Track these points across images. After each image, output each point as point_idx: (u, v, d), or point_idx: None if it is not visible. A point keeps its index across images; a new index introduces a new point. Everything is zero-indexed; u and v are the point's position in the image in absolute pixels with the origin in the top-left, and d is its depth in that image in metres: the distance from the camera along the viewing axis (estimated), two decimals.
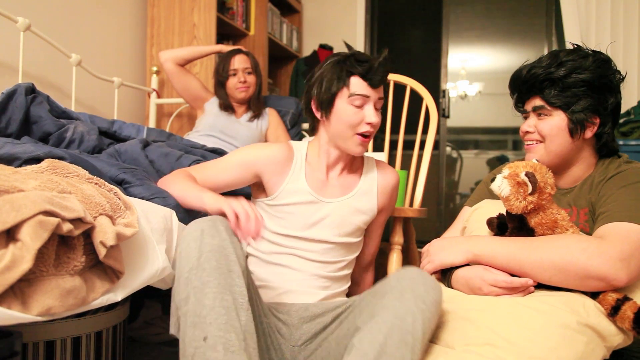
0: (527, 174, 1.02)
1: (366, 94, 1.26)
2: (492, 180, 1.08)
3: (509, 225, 1.10)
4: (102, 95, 2.44)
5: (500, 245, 1.03)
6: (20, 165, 1.13)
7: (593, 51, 1.17)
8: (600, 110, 1.14)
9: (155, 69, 2.70)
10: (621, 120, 2.74)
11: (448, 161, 4.45)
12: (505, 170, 1.07)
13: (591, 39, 3.11)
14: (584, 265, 0.92)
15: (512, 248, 1.01)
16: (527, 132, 1.20)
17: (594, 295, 0.97)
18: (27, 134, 1.38)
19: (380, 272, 2.44)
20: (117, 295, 0.89)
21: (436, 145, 4.24)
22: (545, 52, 4.23)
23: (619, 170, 1.12)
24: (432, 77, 4.23)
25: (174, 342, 1.84)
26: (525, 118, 1.24)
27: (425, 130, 2.10)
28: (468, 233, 1.24)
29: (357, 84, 1.26)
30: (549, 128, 1.16)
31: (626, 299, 0.93)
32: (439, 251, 1.13)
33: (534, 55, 4.50)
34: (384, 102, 1.33)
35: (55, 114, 1.47)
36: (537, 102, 1.18)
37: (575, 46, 1.20)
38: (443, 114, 4.10)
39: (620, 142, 2.71)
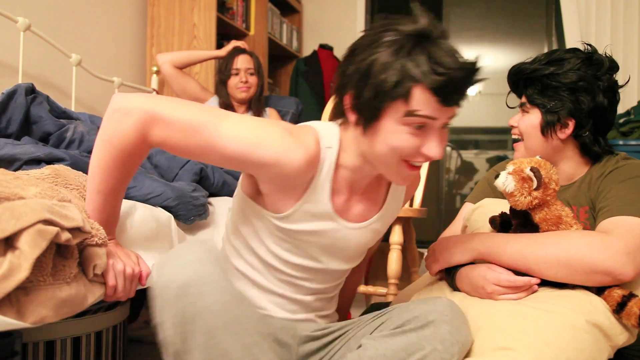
0: (532, 169, 1.02)
1: (433, 115, 0.86)
2: (496, 177, 1.07)
3: (513, 222, 1.10)
4: (102, 95, 2.44)
5: (506, 242, 1.02)
6: (20, 167, 1.14)
7: (589, 53, 1.18)
8: (575, 113, 1.14)
9: (155, 69, 2.70)
10: (621, 120, 2.74)
11: (448, 161, 4.46)
12: (510, 166, 1.07)
13: (591, 39, 3.11)
14: (589, 260, 0.91)
15: (518, 245, 1.00)
16: (512, 127, 1.24)
17: (598, 291, 0.96)
18: (27, 134, 1.38)
19: (381, 272, 2.44)
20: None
21: None
22: (545, 52, 4.22)
23: (618, 166, 1.12)
24: None
25: None
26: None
27: None
28: (469, 232, 1.23)
29: (422, 98, 0.84)
30: (525, 125, 1.19)
31: (632, 295, 0.92)
32: (444, 250, 1.11)
33: (534, 56, 4.50)
34: None
35: (55, 114, 1.47)
36: (523, 99, 1.22)
37: (584, 44, 1.23)
38: None
39: (620, 142, 2.71)
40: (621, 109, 3.14)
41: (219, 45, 2.95)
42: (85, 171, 1.03)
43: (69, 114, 1.55)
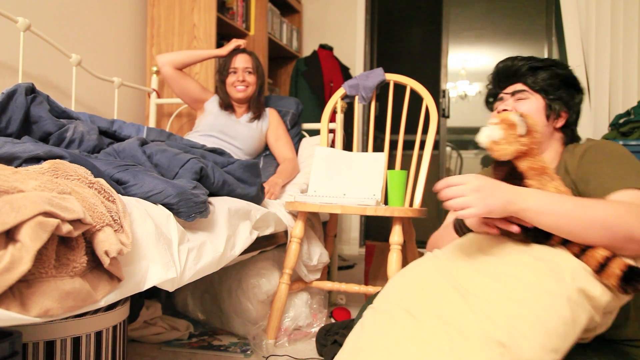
0: (519, 113, 1.05)
1: None
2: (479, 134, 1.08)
3: (495, 175, 1.05)
4: (102, 95, 2.44)
5: (550, 200, 0.96)
6: (20, 165, 1.13)
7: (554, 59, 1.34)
8: (570, 105, 1.28)
9: (155, 69, 2.70)
10: (621, 121, 2.74)
11: (448, 161, 4.45)
12: (493, 119, 1.08)
13: (591, 39, 3.11)
14: (631, 227, 0.93)
15: (561, 205, 0.96)
16: (505, 110, 1.27)
17: (581, 252, 0.96)
18: (28, 134, 1.38)
19: (381, 272, 2.44)
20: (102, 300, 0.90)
21: (436, 145, 4.24)
22: (545, 52, 4.22)
23: (589, 146, 1.18)
24: (432, 77, 4.23)
25: (174, 342, 1.84)
26: (495, 109, 1.33)
27: (425, 130, 2.10)
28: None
29: None
30: (528, 108, 1.26)
31: (614, 256, 0.93)
32: (487, 195, 0.96)
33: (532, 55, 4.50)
34: (382, 103, 1.27)
35: (55, 114, 1.47)
36: (519, 87, 1.29)
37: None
38: (443, 114, 4.10)
39: (620, 142, 2.70)
40: (621, 109, 3.15)
41: (219, 46, 2.95)
42: None
43: (69, 113, 1.55)
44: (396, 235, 1.77)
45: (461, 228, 1.15)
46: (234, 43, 2.40)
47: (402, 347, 0.89)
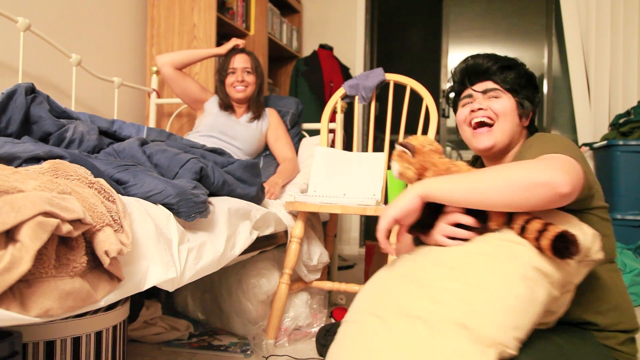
0: (399, 143, 1.10)
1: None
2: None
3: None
4: (102, 95, 2.44)
5: (450, 180, 1.04)
6: (20, 165, 1.13)
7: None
8: (535, 103, 1.31)
9: (155, 69, 2.70)
10: (621, 120, 2.75)
11: None
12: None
13: (591, 39, 3.11)
14: (530, 174, 0.96)
15: (461, 180, 1.02)
16: (480, 109, 1.28)
17: (522, 231, 0.99)
18: (27, 134, 1.37)
19: None
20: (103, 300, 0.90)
21: None
22: (545, 52, 4.22)
23: (534, 138, 1.20)
24: (432, 77, 4.23)
25: (174, 342, 1.84)
26: (464, 105, 1.33)
27: (425, 130, 2.10)
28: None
29: None
30: (502, 107, 1.26)
31: (547, 226, 0.95)
32: (390, 207, 1.06)
33: (534, 55, 4.51)
34: (382, 103, 1.30)
35: (55, 114, 1.47)
36: (490, 85, 1.29)
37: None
38: (443, 114, 4.10)
39: (620, 142, 2.71)
40: (621, 109, 3.15)
41: (219, 46, 2.95)
42: None
43: (69, 113, 1.55)
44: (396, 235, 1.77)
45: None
46: (233, 42, 2.40)
47: (373, 353, 0.91)
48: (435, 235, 1.07)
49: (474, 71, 1.32)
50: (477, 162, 1.43)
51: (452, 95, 1.40)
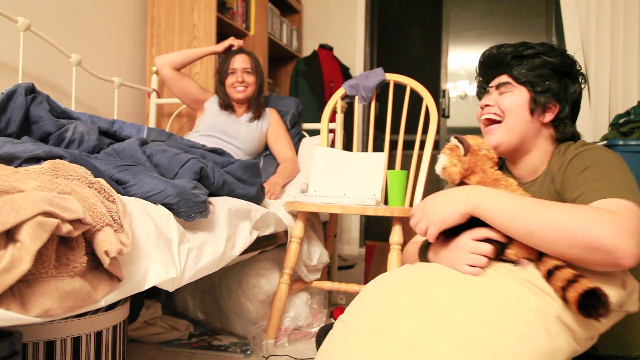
0: (455, 137, 1.05)
1: None
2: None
3: None
4: (102, 95, 2.44)
5: (506, 198, 0.92)
6: (20, 165, 1.13)
7: (553, 45, 1.21)
8: (561, 97, 1.16)
9: (155, 69, 2.70)
10: (621, 120, 2.74)
11: None
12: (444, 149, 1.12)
13: (591, 39, 3.11)
14: (595, 233, 0.82)
15: (519, 203, 0.90)
16: (487, 105, 1.20)
17: (548, 275, 0.89)
18: (27, 134, 1.37)
19: (381, 272, 2.44)
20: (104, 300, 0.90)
21: (436, 145, 4.24)
22: None
23: (577, 153, 1.09)
24: (432, 77, 4.23)
25: (174, 342, 1.84)
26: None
27: (425, 130, 2.10)
28: None
29: None
30: (509, 103, 1.16)
31: (578, 278, 0.84)
32: (438, 208, 0.97)
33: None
34: (382, 103, 1.28)
35: (55, 114, 1.47)
36: (503, 79, 1.19)
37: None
38: (443, 114, 4.10)
39: (620, 142, 2.71)
40: (621, 109, 3.15)
41: None
42: None
43: (69, 113, 1.55)
44: (396, 235, 1.77)
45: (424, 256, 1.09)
46: (230, 41, 2.39)
47: None
48: (456, 260, 0.95)
49: (489, 64, 1.23)
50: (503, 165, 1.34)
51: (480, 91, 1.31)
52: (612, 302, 0.82)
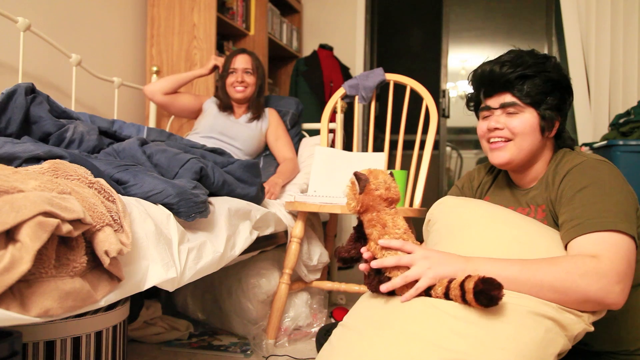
0: (355, 174, 1.07)
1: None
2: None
3: (355, 227, 1.13)
4: (102, 95, 2.44)
5: (500, 267, 0.97)
6: (20, 165, 1.13)
7: (545, 55, 1.21)
8: (562, 110, 1.18)
9: (155, 68, 2.70)
10: (621, 120, 2.74)
11: (448, 161, 4.45)
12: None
13: (591, 39, 3.11)
14: (583, 291, 0.91)
15: (512, 270, 0.96)
16: (496, 129, 1.18)
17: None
18: (27, 134, 1.37)
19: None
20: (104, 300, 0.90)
21: (436, 145, 4.24)
22: (545, 52, 4.22)
23: (572, 167, 1.10)
24: (432, 77, 4.23)
25: (174, 342, 1.84)
26: (484, 118, 1.23)
27: (425, 130, 2.10)
28: (432, 225, 1.24)
29: None
30: (522, 125, 1.15)
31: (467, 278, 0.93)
32: (439, 264, 1.00)
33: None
34: (382, 102, 1.28)
35: (55, 114, 1.47)
36: (508, 98, 1.16)
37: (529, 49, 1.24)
38: (443, 114, 4.10)
39: (620, 142, 2.71)
40: (621, 109, 3.15)
41: (219, 45, 2.95)
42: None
43: (69, 113, 1.55)
44: None
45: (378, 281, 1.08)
46: (213, 61, 2.44)
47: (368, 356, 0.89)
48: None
49: (489, 81, 1.19)
50: (495, 171, 1.35)
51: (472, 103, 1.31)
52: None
